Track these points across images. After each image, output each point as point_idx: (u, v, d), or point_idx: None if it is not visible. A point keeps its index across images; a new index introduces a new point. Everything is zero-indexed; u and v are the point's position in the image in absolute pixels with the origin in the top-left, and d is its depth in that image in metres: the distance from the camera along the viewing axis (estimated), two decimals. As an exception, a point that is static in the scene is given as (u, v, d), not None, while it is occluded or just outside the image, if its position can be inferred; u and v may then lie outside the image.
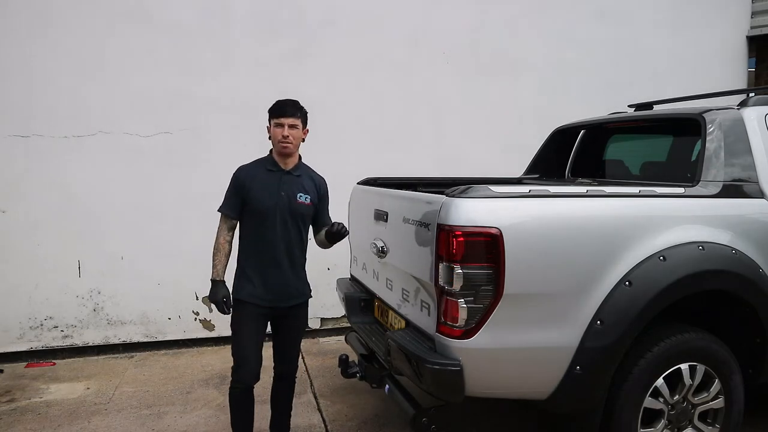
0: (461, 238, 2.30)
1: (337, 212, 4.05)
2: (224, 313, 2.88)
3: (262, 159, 3.01)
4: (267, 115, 2.96)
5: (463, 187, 2.45)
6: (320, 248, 3.25)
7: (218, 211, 2.96)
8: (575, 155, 4.36)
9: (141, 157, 4.89)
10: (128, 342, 5.01)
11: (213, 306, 2.91)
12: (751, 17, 6.57)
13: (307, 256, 3.16)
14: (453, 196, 2.40)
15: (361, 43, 5.34)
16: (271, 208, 2.87)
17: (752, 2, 6.58)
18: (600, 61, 6.02)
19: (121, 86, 4.82)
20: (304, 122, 2.98)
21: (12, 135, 4.65)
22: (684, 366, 2.64)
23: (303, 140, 3.01)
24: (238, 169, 2.97)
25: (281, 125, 2.87)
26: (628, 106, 4.29)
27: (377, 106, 5.41)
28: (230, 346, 2.95)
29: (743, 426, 2.85)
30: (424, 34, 5.51)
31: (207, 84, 4.96)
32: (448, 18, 5.57)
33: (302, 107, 2.97)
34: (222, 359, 4.70)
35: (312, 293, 3.16)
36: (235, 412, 2.94)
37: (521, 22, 5.79)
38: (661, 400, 2.63)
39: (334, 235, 3.02)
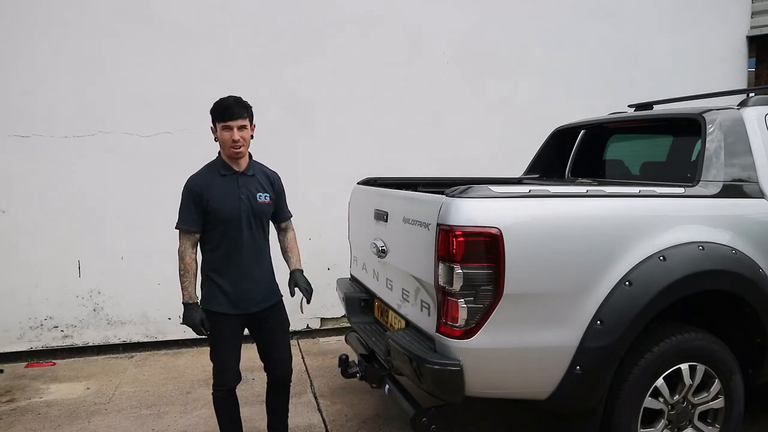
0: (461, 238, 2.30)
1: (338, 212, 4.07)
2: (202, 335, 2.77)
3: (211, 164, 2.84)
4: (211, 119, 2.81)
5: (463, 187, 2.44)
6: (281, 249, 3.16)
7: (177, 228, 2.78)
8: (575, 155, 4.36)
9: (141, 157, 4.89)
10: (128, 342, 5.01)
11: (189, 329, 2.82)
12: (751, 17, 6.57)
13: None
14: (453, 196, 2.39)
15: (361, 43, 5.34)
16: (236, 214, 2.76)
17: (752, 2, 6.58)
18: (600, 61, 6.02)
19: (121, 86, 4.82)
20: (251, 119, 2.81)
21: (12, 135, 4.66)
22: (684, 366, 2.64)
23: (252, 137, 2.84)
24: (189, 180, 2.78)
25: (229, 128, 2.71)
26: (628, 106, 4.29)
27: (377, 106, 5.41)
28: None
29: (743, 426, 2.85)
30: (424, 34, 5.51)
31: (207, 84, 4.95)
32: (448, 18, 5.57)
33: (246, 103, 2.80)
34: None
35: (281, 292, 3.05)
36: (223, 413, 2.92)
37: (521, 22, 5.79)
38: (661, 400, 2.63)
39: (301, 290, 3.00)
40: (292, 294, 3.03)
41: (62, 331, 4.86)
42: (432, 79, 5.55)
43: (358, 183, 3.83)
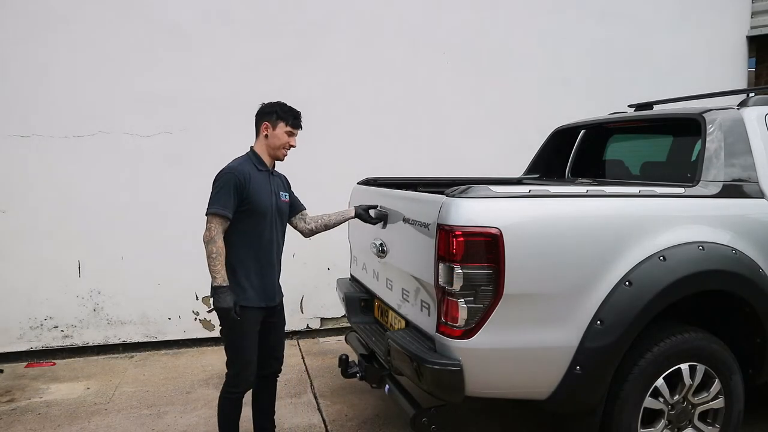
0: (461, 238, 2.30)
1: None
2: (236, 319, 2.73)
3: (247, 158, 2.90)
4: (274, 116, 2.86)
5: (463, 187, 2.44)
6: (306, 238, 3.26)
7: (213, 213, 2.70)
8: (575, 155, 4.36)
9: (141, 157, 4.89)
10: (128, 342, 5.01)
11: (218, 314, 2.76)
12: (751, 17, 6.58)
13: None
14: (453, 196, 2.39)
15: (361, 42, 5.34)
16: (269, 209, 2.85)
17: (752, 2, 6.58)
18: (600, 61, 6.02)
19: (121, 86, 4.82)
20: None
21: (12, 135, 4.66)
22: (684, 366, 2.64)
23: None
24: (231, 168, 2.78)
25: (293, 134, 2.91)
26: (628, 106, 4.29)
27: (377, 106, 5.41)
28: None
29: (743, 426, 2.85)
30: (424, 34, 5.51)
31: (207, 84, 4.96)
32: (448, 18, 5.57)
33: None
34: (222, 359, 4.68)
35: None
36: (231, 417, 2.90)
37: (521, 22, 5.79)
38: (661, 400, 2.63)
39: (374, 219, 3.13)
40: (375, 222, 3.17)
41: (62, 331, 4.87)
42: (432, 79, 5.55)
43: (358, 183, 3.83)
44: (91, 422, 3.65)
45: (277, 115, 2.88)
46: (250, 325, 2.84)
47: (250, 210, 2.79)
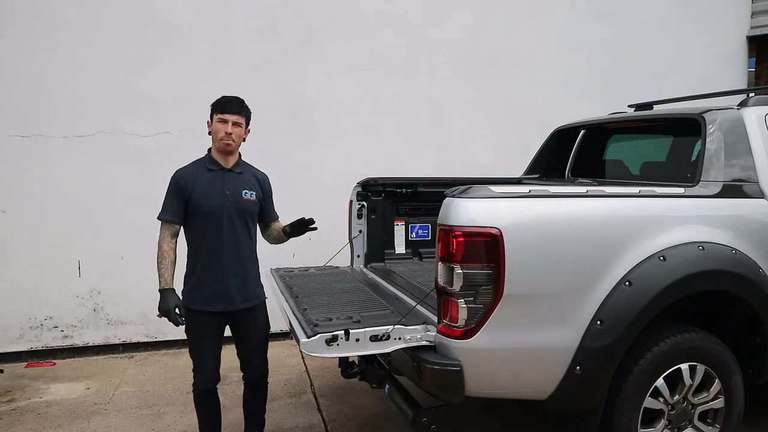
0: (461, 239, 2.30)
1: (338, 212, 4.07)
2: (177, 324, 2.71)
3: (200, 159, 2.89)
4: (210, 112, 2.88)
5: (463, 187, 2.44)
6: (272, 245, 3.19)
7: (158, 219, 2.80)
8: (575, 155, 4.36)
9: (141, 157, 4.89)
10: (128, 342, 5.01)
11: (165, 318, 2.76)
12: (751, 17, 6.58)
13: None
14: (453, 197, 2.39)
15: (361, 43, 5.34)
16: (217, 208, 2.77)
17: (752, 2, 6.59)
18: (600, 61, 6.02)
19: (121, 86, 4.82)
20: (248, 121, 2.90)
21: (12, 135, 4.66)
22: (684, 366, 2.64)
23: (244, 140, 2.91)
24: (176, 172, 2.83)
25: (225, 121, 2.79)
26: (628, 106, 4.29)
27: (377, 106, 5.41)
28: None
29: (743, 426, 2.85)
30: (424, 34, 5.51)
31: (207, 84, 4.95)
32: (448, 18, 5.57)
33: (247, 107, 2.89)
34: (222, 359, 4.68)
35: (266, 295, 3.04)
36: (200, 412, 2.93)
37: (521, 22, 5.79)
38: (661, 400, 2.63)
39: (302, 224, 3.00)
40: (300, 233, 3.06)
41: (62, 331, 4.86)
42: (432, 79, 5.55)
43: (358, 183, 3.83)
44: (91, 422, 3.65)
45: (211, 111, 2.87)
46: (202, 329, 2.81)
47: (196, 211, 2.78)
